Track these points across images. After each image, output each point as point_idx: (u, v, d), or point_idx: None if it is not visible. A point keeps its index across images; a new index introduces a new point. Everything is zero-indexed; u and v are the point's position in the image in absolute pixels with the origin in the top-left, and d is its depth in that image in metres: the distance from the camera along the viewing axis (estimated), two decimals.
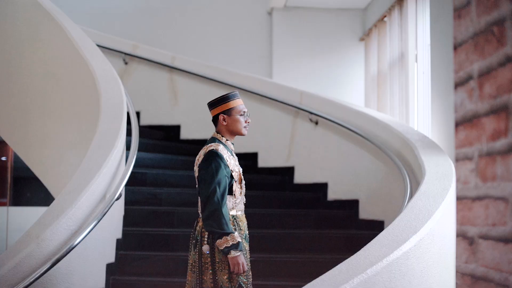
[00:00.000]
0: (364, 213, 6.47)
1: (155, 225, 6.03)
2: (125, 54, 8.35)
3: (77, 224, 4.10)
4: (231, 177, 3.85)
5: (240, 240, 3.68)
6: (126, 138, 5.30)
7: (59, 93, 6.26)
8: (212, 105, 3.97)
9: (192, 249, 3.84)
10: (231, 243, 3.64)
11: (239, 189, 3.91)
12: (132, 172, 4.93)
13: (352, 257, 3.38)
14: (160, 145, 7.75)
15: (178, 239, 5.77)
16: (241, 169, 4.02)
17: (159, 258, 5.48)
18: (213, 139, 3.94)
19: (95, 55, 5.94)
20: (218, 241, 3.66)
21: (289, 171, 7.34)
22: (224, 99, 3.94)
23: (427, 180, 4.42)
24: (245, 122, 3.96)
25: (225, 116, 3.92)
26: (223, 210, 3.69)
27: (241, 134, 3.98)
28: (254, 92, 7.55)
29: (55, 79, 6.28)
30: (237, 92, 4.03)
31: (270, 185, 7.20)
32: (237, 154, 7.59)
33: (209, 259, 3.74)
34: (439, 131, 6.71)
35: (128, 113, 5.67)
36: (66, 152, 5.87)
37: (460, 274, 1.88)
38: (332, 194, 6.86)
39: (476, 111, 1.77)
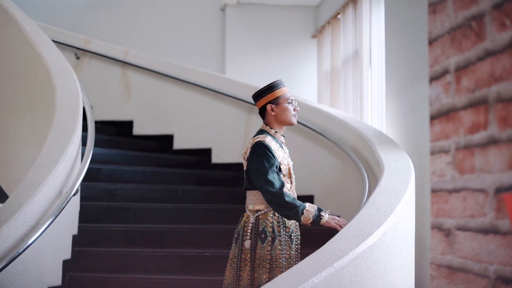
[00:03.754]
0: None
1: (110, 221, 5.97)
2: (77, 48, 8.21)
3: (34, 220, 4.03)
4: (279, 170, 3.67)
5: (317, 206, 3.60)
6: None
7: (12, 87, 6.14)
8: (258, 96, 3.79)
9: (234, 243, 3.73)
10: (313, 214, 3.54)
11: (288, 184, 3.74)
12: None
13: (317, 251, 3.39)
14: (113, 140, 7.66)
15: (134, 234, 5.72)
16: (292, 163, 3.84)
17: (115, 254, 5.42)
18: (261, 131, 3.78)
19: (50, 49, 5.84)
20: (302, 218, 3.53)
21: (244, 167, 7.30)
22: (270, 88, 3.76)
23: (386, 175, 4.46)
24: (294, 110, 3.79)
25: (273, 106, 3.74)
26: (284, 192, 3.54)
27: (291, 124, 3.78)
28: (208, 88, 7.53)
29: (9, 73, 6.16)
30: (281, 80, 3.86)
31: (225, 182, 7.18)
32: (190, 150, 7.70)
33: (249, 255, 3.62)
34: (394, 127, 6.78)
35: (83, 108, 5.60)
36: (20, 148, 5.76)
37: (436, 265, 1.89)
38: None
39: (453, 104, 1.79)
